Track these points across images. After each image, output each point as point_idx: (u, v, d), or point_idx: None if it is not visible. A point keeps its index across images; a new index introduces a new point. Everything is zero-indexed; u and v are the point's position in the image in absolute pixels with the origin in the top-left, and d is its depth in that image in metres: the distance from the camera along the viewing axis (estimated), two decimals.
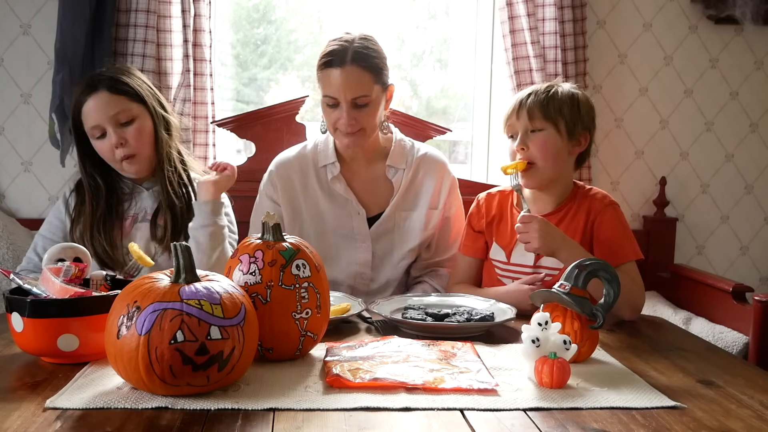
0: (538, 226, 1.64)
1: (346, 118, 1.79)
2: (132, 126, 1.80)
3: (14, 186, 2.47)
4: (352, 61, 1.76)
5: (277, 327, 1.26)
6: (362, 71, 1.77)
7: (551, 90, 1.75)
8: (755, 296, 2.02)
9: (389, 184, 1.94)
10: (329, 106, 1.81)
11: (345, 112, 1.78)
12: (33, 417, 1.04)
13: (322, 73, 1.80)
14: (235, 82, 2.79)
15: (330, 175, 1.92)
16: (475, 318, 1.50)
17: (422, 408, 1.09)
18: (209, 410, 1.07)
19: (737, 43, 2.67)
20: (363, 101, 1.79)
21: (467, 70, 2.80)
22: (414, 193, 1.94)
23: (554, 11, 2.43)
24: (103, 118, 1.78)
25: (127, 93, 1.81)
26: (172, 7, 2.32)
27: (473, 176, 2.72)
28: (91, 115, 1.79)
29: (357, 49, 1.78)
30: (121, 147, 1.79)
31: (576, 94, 1.77)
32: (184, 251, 1.16)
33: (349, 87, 1.76)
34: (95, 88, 1.79)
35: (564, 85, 1.78)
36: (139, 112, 1.82)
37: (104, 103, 1.79)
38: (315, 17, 2.85)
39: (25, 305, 1.23)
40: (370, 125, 1.83)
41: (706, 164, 2.73)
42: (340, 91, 1.77)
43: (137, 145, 1.81)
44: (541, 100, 1.73)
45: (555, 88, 1.76)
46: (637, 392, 1.18)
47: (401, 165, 1.94)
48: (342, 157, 1.94)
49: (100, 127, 1.79)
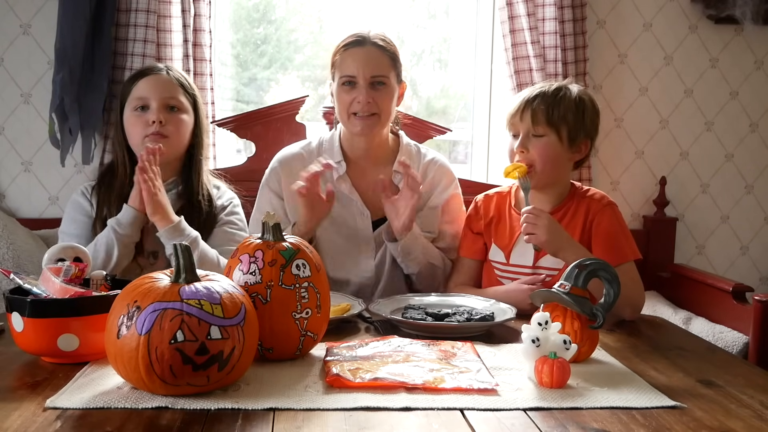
0: (547, 221, 1.65)
1: (365, 96, 1.81)
2: (176, 114, 1.82)
3: (14, 186, 2.47)
4: (371, 42, 1.85)
5: (277, 327, 1.26)
6: (381, 53, 1.85)
7: (558, 94, 1.74)
8: (755, 296, 2.02)
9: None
10: (346, 85, 1.84)
11: (364, 90, 1.81)
12: (33, 417, 1.04)
13: (342, 57, 1.84)
14: (235, 82, 2.79)
15: (336, 175, 1.91)
16: (475, 318, 1.51)
17: (422, 408, 1.09)
18: (209, 410, 1.07)
19: (737, 43, 2.67)
20: (381, 81, 1.83)
21: (467, 70, 2.80)
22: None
23: (554, 11, 2.43)
24: (154, 94, 1.79)
25: (182, 86, 1.84)
26: (172, 6, 2.32)
27: (473, 176, 2.72)
28: (143, 87, 1.81)
29: (376, 35, 1.87)
30: (158, 124, 1.78)
31: (583, 99, 1.76)
32: (184, 251, 1.16)
33: (369, 64, 1.82)
34: (154, 70, 1.84)
35: (572, 88, 1.77)
36: (186, 108, 1.84)
37: (160, 83, 1.81)
38: (315, 17, 2.85)
39: (25, 305, 1.23)
40: (385, 110, 1.86)
41: (706, 164, 2.73)
42: (360, 67, 1.81)
43: (173, 131, 1.80)
44: (546, 106, 1.72)
45: (562, 92, 1.74)
46: (637, 392, 1.18)
47: None
48: (348, 156, 1.94)
49: (146, 99, 1.79)
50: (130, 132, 1.82)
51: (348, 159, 1.93)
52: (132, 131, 1.81)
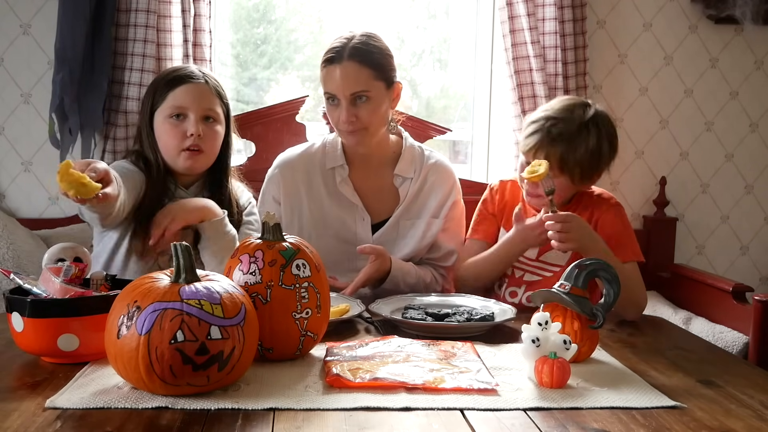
0: (579, 226, 1.62)
1: (345, 114, 1.78)
2: (211, 125, 1.76)
3: (14, 186, 2.47)
4: (349, 57, 1.76)
5: (277, 327, 1.26)
6: (360, 66, 1.76)
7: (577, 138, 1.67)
8: (755, 296, 2.02)
9: (396, 191, 1.93)
10: (329, 102, 1.82)
11: (344, 109, 1.78)
12: (33, 417, 1.04)
13: (323, 72, 1.81)
14: (235, 82, 2.79)
15: (339, 178, 1.90)
16: (475, 318, 1.51)
17: (422, 408, 1.09)
18: (209, 410, 1.07)
19: (737, 43, 2.67)
20: (362, 96, 1.77)
21: (467, 70, 2.80)
22: (420, 203, 1.93)
23: (554, 11, 2.43)
24: (193, 105, 1.73)
25: (219, 95, 1.79)
26: (172, 6, 2.32)
27: (473, 176, 2.72)
28: (182, 96, 1.73)
29: (355, 45, 1.77)
30: (196, 137, 1.72)
31: (601, 146, 1.70)
32: (184, 251, 1.16)
33: (346, 83, 1.76)
34: (194, 78, 1.76)
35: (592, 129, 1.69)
36: (221, 118, 1.79)
37: (200, 92, 1.75)
38: (315, 17, 2.86)
39: (25, 305, 1.23)
40: (372, 123, 1.81)
41: (706, 164, 2.73)
42: (338, 87, 1.77)
43: (209, 146, 1.76)
44: (563, 152, 1.67)
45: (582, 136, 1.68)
46: (637, 392, 1.18)
47: (409, 174, 1.93)
48: (351, 160, 1.93)
49: (185, 109, 1.73)
50: (163, 140, 1.76)
51: (350, 162, 1.93)
52: (167, 140, 1.75)
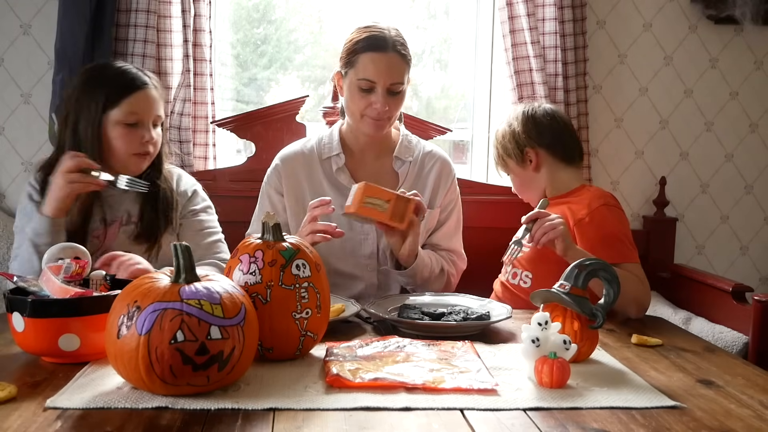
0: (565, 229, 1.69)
1: (382, 103, 1.80)
2: (159, 128, 1.82)
3: (14, 186, 2.46)
4: (393, 48, 1.81)
5: (277, 327, 1.26)
6: (401, 60, 1.82)
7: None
8: (755, 296, 2.02)
9: (395, 176, 1.95)
10: (363, 90, 1.82)
11: (381, 97, 1.80)
12: (33, 417, 1.04)
13: (362, 57, 1.81)
14: (235, 82, 2.79)
15: (335, 167, 1.93)
16: (471, 317, 1.51)
17: (422, 408, 1.09)
18: (209, 410, 1.07)
19: (737, 43, 2.67)
20: (398, 89, 1.82)
21: (467, 70, 2.80)
22: (420, 189, 1.94)
23: (554, 11, 2.43)
24: (149, 113, 1.77)
25: (162, 96, 1.83)
26: (172, 7, 2.32)
27: (473, 176, 2.72)
28: (136, 104, 1.75)
29: (396, 38, 1.83)
30: (151, 144, 1.78)
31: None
32: (184, 251, 1.16)
33: (391, 73, 1.80)
34: (145, 85, 1.78)
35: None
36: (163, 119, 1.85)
37: (154, 101, 1.79)
38: (315, 17, 2.86)
39: (25, 305, 1.23)
40: (396, 115, 1.89)
41: (706, 164, 2.72)
42: (381, 75, 1.79)
43: (157, 148, 1.82)
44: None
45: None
46: (637, 392, 1.18)
47: (408, 157, 1.97)
48: (348, 148, 1.95)
49: (140, 117, 1.76)
50: (116, 144, 1.76)
51: (347, 151, 1.95)
52: (121, 145, 1.76)
